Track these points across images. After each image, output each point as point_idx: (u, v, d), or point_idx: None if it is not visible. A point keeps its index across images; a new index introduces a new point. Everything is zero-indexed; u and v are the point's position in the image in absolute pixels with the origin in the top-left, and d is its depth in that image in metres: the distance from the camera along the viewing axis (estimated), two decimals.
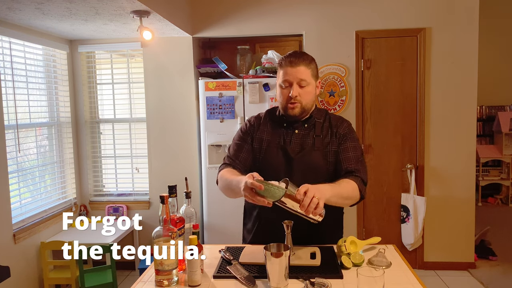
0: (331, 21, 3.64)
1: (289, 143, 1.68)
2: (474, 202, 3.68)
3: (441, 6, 3.54)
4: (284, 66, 1.63)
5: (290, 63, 1.62)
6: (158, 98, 3.83)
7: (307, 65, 1.63)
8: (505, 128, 5.79)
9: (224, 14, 3.71)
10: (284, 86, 1.64)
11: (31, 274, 3.18)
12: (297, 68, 1.61)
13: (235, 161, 1.71)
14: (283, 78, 1.63)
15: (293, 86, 1.61)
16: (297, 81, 1.61)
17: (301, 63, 1.61)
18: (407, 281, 1.37)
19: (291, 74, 1.61)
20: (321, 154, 1.67)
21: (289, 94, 1.62)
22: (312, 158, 1.65)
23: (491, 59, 6.05)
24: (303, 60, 1.62)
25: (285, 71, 1.62)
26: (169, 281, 1.36)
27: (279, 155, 1.67)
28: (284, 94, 1.64)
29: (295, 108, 1.64)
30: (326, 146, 1.68)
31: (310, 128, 1.70)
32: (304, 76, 1.61)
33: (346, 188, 1.54)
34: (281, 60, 1.66)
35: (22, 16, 2.86)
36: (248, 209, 1.82)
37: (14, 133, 3.07)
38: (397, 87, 3.65)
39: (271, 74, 3.51)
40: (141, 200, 3.93)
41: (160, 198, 1.36)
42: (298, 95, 1.61)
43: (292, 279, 1.37)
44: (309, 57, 1.66)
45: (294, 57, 1.63)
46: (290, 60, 1.62)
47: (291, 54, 1.65)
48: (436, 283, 3.43)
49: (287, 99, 1.63)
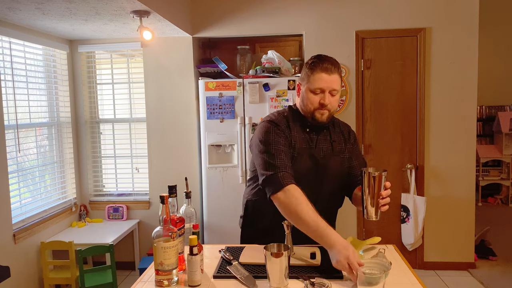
0: (331, 21, 3.64)
1: (314, 149, 1.67)
2: (474, 202, 3.68)
3: (441, 6, 3.54)
4: (318, 71, 1.59)
5: (326, 70, 1.58)
6: (158, 98, 3.83)
7: (339, 73, 1.62)
8: (505, 128, 5.79)
9: (224, 14, 3.71)
10: (316, 92, 1.60)
11: (31, 274, 3.18)
12: (332, 77, 1.59)
13: (290, 170, 1.55)
14: (317, 85, 1.59)
15: (325, 94, 1.59)
16: (330, 90, 1.59)
17: (336, 71, 1.60)
18: (407, 281, 1.37)
19: (326, 82, 1.58)
20: (339, 160, 1.71)
21: (321, 101, 1.59)
22: (335, 164, 1.68)
23: (491, 59, 6.06)
24: (337, 68, 1.61)
25: (319, 77, 1.58)
26: (169, 281, 1.36)
27: (308, 161, 1.65)
28: (314, 100, 1.61)
29: (324, 115, 1.62)
30: (342, 152, 1.72)
31: (327, 133, 1.72)
32: (337, 85, 1.61)
33: None
34: (314, 64, 1.61)
35: (22, 16, 2.86)
36: (252, 213, 1.80)
37: (14, 133, 3.07)
38: (397, 87, 3.65)
39: (271, 74, 3.51)
40: (141, 200, 3.93)
41: (160, 198, 1.36)
42: (329, 103, 1.60)
43: (292, 279, 1.37)
44: (339, 64, 1.64)
45: (330, 64, 1.59)
46: (326, 67, 1.58)
47: (326, 60, 1.60)
48: (436, 283, 3.43)
49: (318, 106, 1.61)
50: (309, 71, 1.62)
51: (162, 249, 1.33)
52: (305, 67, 1.65)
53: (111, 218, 3.88)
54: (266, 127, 1.64)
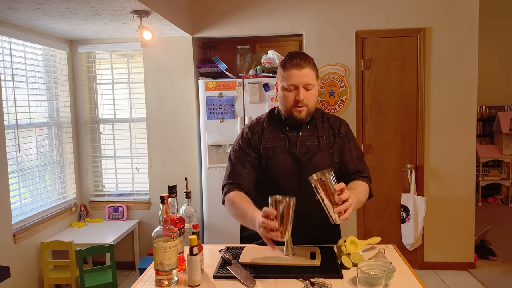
0: (331, 21, 3.64)
1: (295, 146, 1.65)
2: (474, 202, 3.68)
3: (441, 6, 3.54)
4: (288, 68, 1.57)
5: (296, 66, 1.56)
6: (158, 98, 3.83)
7: (311, 67, 1.59)
8: (505, 128, 5.79)
9: (224, 14, 3.71)
10: (289, 89, 1.58)
11: (31, 274, 3.18)
12: (303, 71, 1.56)
13: (239, 180, 1.64)
14: (289, 81, 1.57)
15: (299, 89, 1.56)
16: (303, 85, 1.56)
17: (306, 65, 1.57)
18: (407, 281, 1.37)
19: (297, 77, 1.55)
20: (328, 155, 1.66)
21: (296, 98, 1.57)
22: (320, 160, 1.63)
23: (491, 59, 6.06)
24: (308, 62, 1.58)
25: (290, 73, 1.56)
26: (169, 281, 1.36)
27: (287, 160, 1.63)
28: (289, 98, 1.59)
29: (302, 112, 1.60)
30: (331, 147, 1.67)
31: (312, 129, 1.68)
32: (310, 79, 1.57)
33: (363, 193, 1.57)
34: (285, 62, 1.59)
35: (22, 16, 2.86)
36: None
37: (14, 133, 3.07)
38: (397, 87, 3.65)
39: (271, 74, 3.51)
40: (141, 200, 3.93)
41: (160, 198, 1.36)
42: (305, 99, 1.57)
43: (292, 279, 1.37)
44: (311, 58, 1.62)
45: (300, 59, 1.57)
46: (296, 62, 1.56)
47: (294, 56, 1.59)
48: (436, 283, 3.43)
49: (293, 103, 1.59)
50: (281, 69, 1.61)
51: (162, 249, 1.33)
52: (279, 66, 1.65)
53: (111, 218, 3.88)
54: (239, 136, 1.75)
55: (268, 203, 1.35)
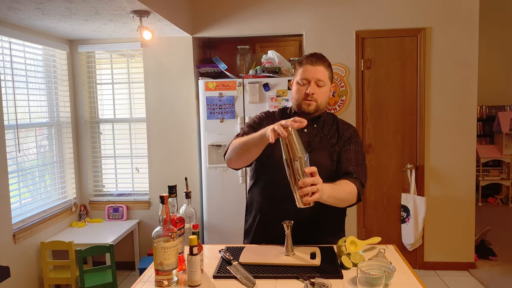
0: (331, 21, 3.64)
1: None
2: (474, 202, 3.68)
3: (441, 6, 3.54)
4: (304, 64, 1.68)
5: (311, 62, 1.67)
6: (158, 98, 3.83)
7: (326, 67, 1.69)
8: (505, 128, 5.79)
9: (224, 14, 3.71)
10: (302, 83, 1.67)
11: (31, 274, 3.18)
12: (317, 68, 1.66)
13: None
14: (302, 75, 1.67)
15: (311, 84, 1.66)
16: (315, 80, 1.66)
17: (321, 63, 1.68)
18: (407, 281, 1.37)
19: (310, 72, 1.66)
20: (327, 153, 1.68)
21: (306, 91, 1.65)
22: (318, 156, 1.65)
23: (491, 59, 6.06)
24: (323, 61, 1.69)
25: (304, 69, 1.67)
26: (169, 281, 1.35)
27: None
28: (301, 91, 1.68)
29: (310, 105, 1.67)
30: (332, 145, 1.70)
31: (318, 128, 1.72)
32: (322, 76, 1.67)
33: (345, 190, 1.55)
34: (302, 59, 1.71)
35: (22, 16, 2.86)
36: (250, 204, 1.82)
37: (14, 133, 3.07)
38: (397, 87, 3.65)
39: (271, 74, 3.51)
40: (141, 200, 3.93)
41: (160, 198, 1.36)
42: (315, 93, 1.65)
43: (292, 279, 1.37)
44: (327, 60, 1.72)
45: (315, 58, 1.69)
46: (311, 59, 1.68)
47: (312, 55, 1.70)
48: (436, 283, 3.43)
49: (303, 96, 1.67)
50: (298, 65, 1.73)
51: (162, 249, 1.33)
52: (296, 64, 1.76)
53: (111, 218, 3.88)
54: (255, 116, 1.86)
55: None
